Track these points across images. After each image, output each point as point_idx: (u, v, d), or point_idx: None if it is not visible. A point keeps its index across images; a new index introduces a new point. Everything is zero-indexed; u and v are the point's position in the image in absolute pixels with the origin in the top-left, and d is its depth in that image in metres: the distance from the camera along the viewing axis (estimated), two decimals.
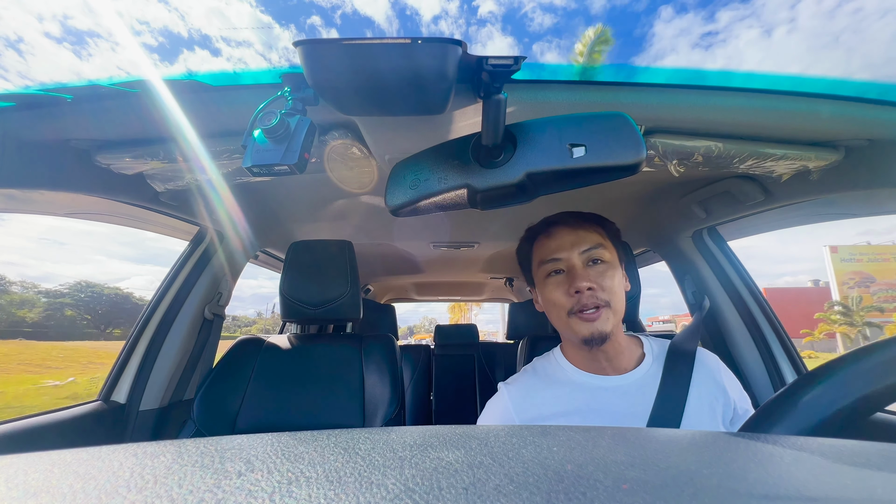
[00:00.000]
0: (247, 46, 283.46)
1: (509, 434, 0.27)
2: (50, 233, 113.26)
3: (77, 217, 1.07)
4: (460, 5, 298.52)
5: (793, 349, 1.18)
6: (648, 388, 0.71)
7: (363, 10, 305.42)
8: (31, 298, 48.81)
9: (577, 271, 0.71)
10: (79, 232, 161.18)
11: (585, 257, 0.72)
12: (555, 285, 0.73)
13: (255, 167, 0.52)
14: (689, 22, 67.41)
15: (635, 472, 0.21)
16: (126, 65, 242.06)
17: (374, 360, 1.15)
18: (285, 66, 0.58)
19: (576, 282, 0.69)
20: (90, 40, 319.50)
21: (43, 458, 0.23)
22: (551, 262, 0.74)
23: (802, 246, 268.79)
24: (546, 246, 0.76)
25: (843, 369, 0.33)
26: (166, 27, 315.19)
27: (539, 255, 0.77)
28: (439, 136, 0.73)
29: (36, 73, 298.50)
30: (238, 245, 1.41)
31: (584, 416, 0.70)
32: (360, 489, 0.18)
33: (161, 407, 1.22)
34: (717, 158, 0.76)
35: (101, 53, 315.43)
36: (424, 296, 3.82)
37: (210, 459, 0.22)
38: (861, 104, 0.65)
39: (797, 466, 0.22)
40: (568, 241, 0.74)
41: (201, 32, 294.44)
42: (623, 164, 0.47)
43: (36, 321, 43.28)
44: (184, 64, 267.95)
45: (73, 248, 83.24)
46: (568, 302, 0.71)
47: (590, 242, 0.73)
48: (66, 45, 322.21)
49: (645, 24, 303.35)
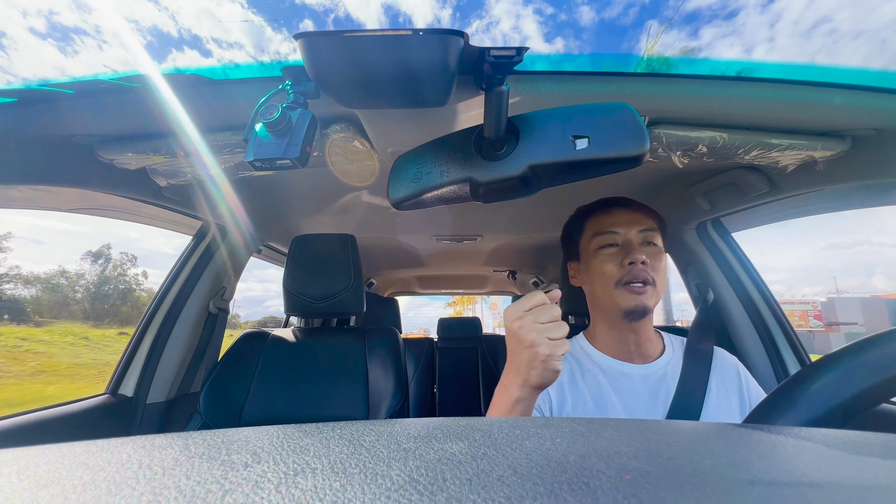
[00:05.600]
0: (238, 48, 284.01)
1: (512, 425, 0.28)
2: (29, 231, 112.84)
3: (80, 212, 1.07)
4: (452, 13, 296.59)
5: (797, 340, 1.17)
6: (670, 379, 0.73)
7: (356, 14, 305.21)
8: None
9: (634, 245, 0.75)
10: (58, 231, 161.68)
11: (641, 237, 0.76)
12: (607, 256, 0.76)
13: (258, 161, 0.52)
14: (673, 38, 65.88)
15: (638, 462, 0.21)
16: (112, 62, 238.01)
17: (378, 353, 1.16)
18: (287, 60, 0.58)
19: (633, 253, 0.72)
20: (76, 37, 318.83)
21: (53, 450, 0.23)
22: (608, 234, 0.77)
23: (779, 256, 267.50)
24: (604, 220, 0.79)
25: (847, 361, 0.33)
26: (155, 26, 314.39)
27: (595, 228, 0.80)
28: (441, 128, 0.73)
29: (18, 68, 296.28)
30: (241, 239, 1.41)
31: (606, 401, 0.72)
32: (365, 480, 0.19)
33: (168, 400, 1.23)
34: (721, 149, 0.76)
35: (87, 51, 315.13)
36: (427, 289, 3.83)
37: (217, 451, 0.22)
38: (869, 93, 0.64)
39: (800, 457, 0.22)
40: (626, 218, 0.77)
41: (191, 32, 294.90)
42: (627, 156, 0.47)
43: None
44: (172, 62, 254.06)
45: (50, 246, 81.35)
46: (619, 273, 0.73)
47: (646, 224, 0.77)
48: (51, 42, 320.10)
49: (632, 37, 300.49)
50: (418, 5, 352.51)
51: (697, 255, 1.31)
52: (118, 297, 40.15)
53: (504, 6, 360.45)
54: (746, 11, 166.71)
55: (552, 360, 0.52)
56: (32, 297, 31.07)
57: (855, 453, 0.23)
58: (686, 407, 0.69)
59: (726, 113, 0.70)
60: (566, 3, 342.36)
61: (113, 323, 35.85)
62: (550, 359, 0.52)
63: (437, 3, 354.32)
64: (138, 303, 39.33)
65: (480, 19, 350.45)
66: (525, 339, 0.53)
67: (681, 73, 0.62)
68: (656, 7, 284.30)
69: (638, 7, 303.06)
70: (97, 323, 32.55)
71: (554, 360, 0.52)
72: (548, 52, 12.31)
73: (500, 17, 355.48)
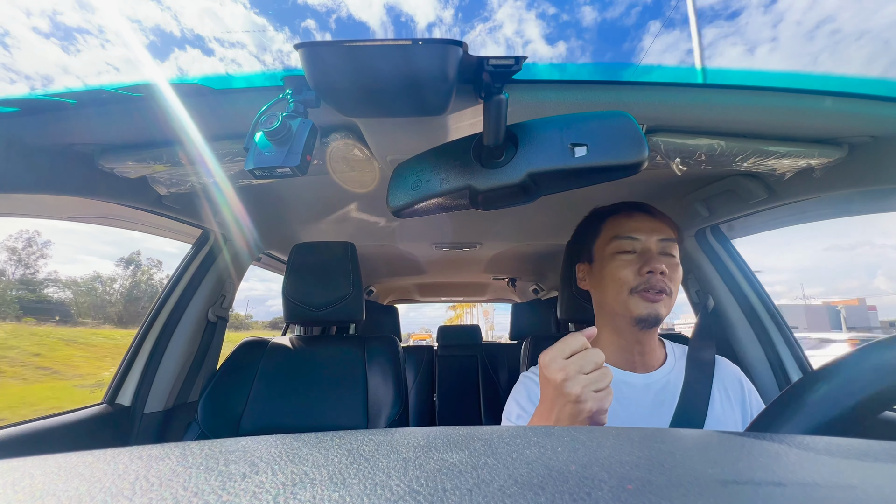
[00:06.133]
0: (240, 48, 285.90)
1: (513, 435, 0.27)
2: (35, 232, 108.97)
3: (81, 221, 1.07)
4: (455, 13, 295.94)
5: (798, 347, 1.17)
6: (673, 388, 0.72)
7: (358, 14, 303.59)
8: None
9: (654, 254, 0.72)
10: (64, 231, 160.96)
11: (661, 247, 0.74)
12: (624, 262, 0.73)
13: (258, 170, 0.52)
14: (675, 38, 67.32)
15: (640, 472, 0.21)
16: (115, 61, 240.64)
17: (378, 361, 1.15)
18: (280, 68, 0.59)
19: (652, 262, 0.70)
20: (79, 36, 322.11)
21: (48, 461, 0.23)
22: (627, 240, 0.74)
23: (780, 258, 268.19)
24: (624, 224, 0.76)
25: (851, 367, 0.33)
26: (158, 26, 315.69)
27: (613, 231, 0.77)
28: (441, 136, 0.73)
29: (21, 66, 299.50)
30: (241, 247, 1.41)
31: (609, 410, 0.70)
32: (365, 491, 0.18)
33: (165, 409, 1.22)
34: (719, 157, 0.76)
35: (90, 50, 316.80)
36: (427, 297, 3.82)
37: (215, 462, 0.22)
38: (865, 101, 0.64)
39: (803, 465, 0.22)
40: (648, 225, 0.75)
41: (194, 32, 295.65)
42: (625, 164, 0.47)
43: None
44: (174, 63, 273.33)
45: (56, 247, 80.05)
46: (635, 280, 0.71)
47: (667, 234, 0.75)
48: (54, 41, 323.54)
49: (634, 37, 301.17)
50: (420, 6, 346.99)
51: (697, 261, 1.31)
52: (147, 300, 40.55)
53: (506, 10, 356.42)
54: (748, 12, 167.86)
55: (599, 415, 0.48)
56: (70, 299, 31.45)
57: (858, 461, 0.23)
58: (689, 416, 0.68)
59: (724, 121, 0.70)
60: (568, 3, 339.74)
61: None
62: (598, 414, 0.48)
63: (439, 3, 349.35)
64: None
65: (484, 22, 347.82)
66: (570, 395, 0.48)
67: (678, 82, 0.63)
68: (658, 8, 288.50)
69: (640, 7, 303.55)
70: (129, 325, 32.60)
71: (601, 416, 0.48)
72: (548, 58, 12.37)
73: (504, 21, 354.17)
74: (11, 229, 40.08)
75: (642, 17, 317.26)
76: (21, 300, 26.51)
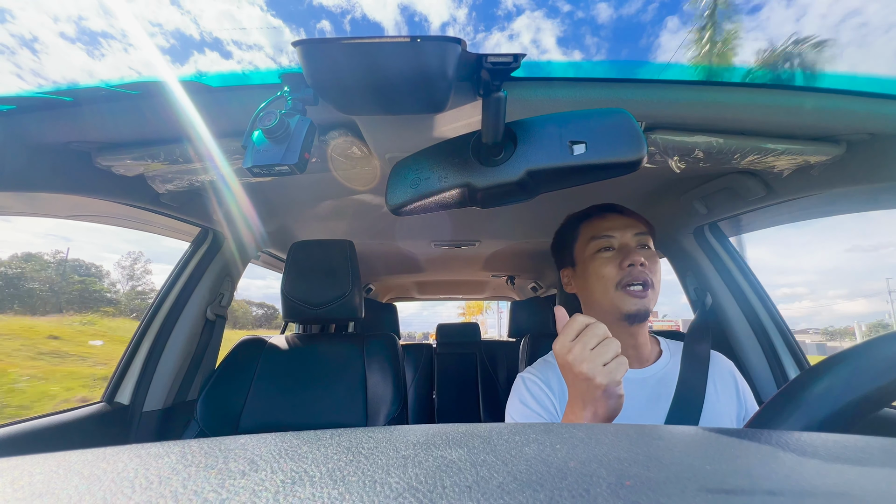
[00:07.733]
0: (257, 49, 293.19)
1: (512, 432, 0.27)
2: (56, 229, 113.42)
3: (79, 219, 1.07)
4: (468, 12, 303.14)
5: (795, 345, 1.17)
6: (668, 382, 0.73)
7: (372, 15, 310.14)
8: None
9: (631, 247, 0.76)
10: (86, 229, 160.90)
11: (637, 240, 0.77)
12: (605, 260, 0.76)
13: (256, 168, 0.52)
14: (695, 34, 58.80)
15: (638, 468, 0.21)
16: (137, 65, 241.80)
17: (377, 359, 1.15)
18: (289, 66, 0.58)
19: (631, 255, 0.73)
20: (103, 41, 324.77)
21: (47, 459, 0.23)
22: (604, 239, 0.77)
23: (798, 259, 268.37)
24: (599, 225, 0.80)
25: (849, 364, 0.33)
26: (178, 29, 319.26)
27: (590, 233, 0.80)
28: (439, 134, 0.73)
29: (49, 71, 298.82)
30: (239, 246, 1.41)
31: None
32: (364, 488, 0.18)
33: (164, 408, 1.22)
34: (717, 154, 0.76)
35: (113, 54, 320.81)
36: (426, 294, 3.82)
37: (214, 460, 0.22)
38: (862, 98, 0.64)
39: (802, 462, 0.22)
40: (621, 222, 0.78)
41: (212, 35, 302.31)
42: (624, 161, 0.47)
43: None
44: (194, 65, 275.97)
45: (78, 244, 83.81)
46: (618, 275, 0.73)
47: (640, 229, 0.78)
48: (80, 45, 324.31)
49: (651, 34, 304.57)
50: (434, 5, 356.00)
51: (695, 259, 1.31)
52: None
53: (523, 21, 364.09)
54: (770, 6, 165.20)
55: (612, 386, 0.49)
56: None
57: (857, 458, 0.23)
58: (685, 410, 0.69)
59: (722, 118, 0.70)
60: (570, 19, 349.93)
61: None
62: (611, 386, 0.49)
63: (453, 2, 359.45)
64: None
65: (494, 20, 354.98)
66: (580, 374, 0.50)
67: (677, 79, 0.63)
68: (676, 3, 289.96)
69: (657, 3, 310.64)
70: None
71: (614, 387, 0.50)
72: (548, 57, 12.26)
73: (521, 30, 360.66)
74: (122, 248, 41.67)
75: (659, 12, 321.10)
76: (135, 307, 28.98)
